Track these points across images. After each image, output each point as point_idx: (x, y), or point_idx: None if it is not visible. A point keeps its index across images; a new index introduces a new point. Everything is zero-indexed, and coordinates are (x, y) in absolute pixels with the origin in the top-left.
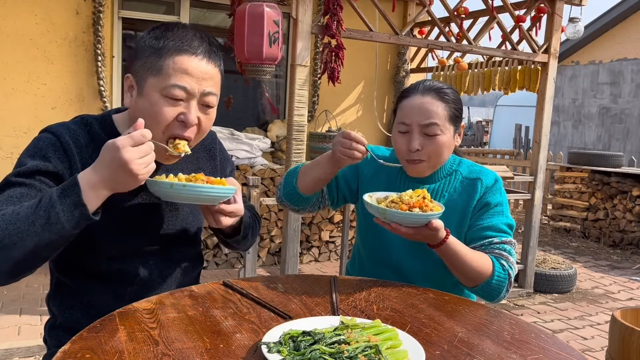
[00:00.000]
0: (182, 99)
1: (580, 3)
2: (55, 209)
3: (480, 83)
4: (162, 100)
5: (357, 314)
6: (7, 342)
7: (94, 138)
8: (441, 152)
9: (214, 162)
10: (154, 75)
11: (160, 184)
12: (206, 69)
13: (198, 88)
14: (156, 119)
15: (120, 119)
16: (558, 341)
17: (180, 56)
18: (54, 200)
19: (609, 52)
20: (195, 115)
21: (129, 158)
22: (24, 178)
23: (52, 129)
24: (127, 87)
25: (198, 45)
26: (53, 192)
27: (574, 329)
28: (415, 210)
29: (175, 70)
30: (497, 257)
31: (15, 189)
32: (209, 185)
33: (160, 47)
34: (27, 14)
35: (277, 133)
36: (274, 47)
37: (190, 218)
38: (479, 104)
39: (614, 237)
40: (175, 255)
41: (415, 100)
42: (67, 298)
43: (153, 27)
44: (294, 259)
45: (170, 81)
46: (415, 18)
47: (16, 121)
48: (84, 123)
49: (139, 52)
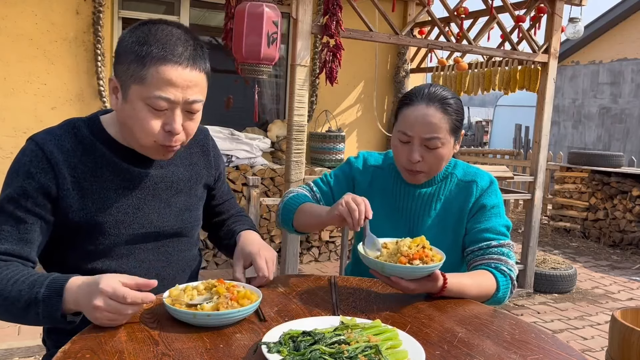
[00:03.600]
0: (166, 108)
1: (580, 3)
2: (38, 308)
3: (480, 83)
4: (146, 109)
5: (357, 314)
6: (7, 342)
7: (81, 141)
8: (440, 164)
9: (207, 158)
10: (137, 83)
11: (182, 314)
12: (190, 77)
13: (182, 97)
14: (143, 129)
15: (108, 120)
16: (558, 341)
17: (164, 66)
18: (38, 300)
19: (609, 52)
20: (179, 124)
21: (96, 305)
22: (12, 207)
23: (36, 138)
24: (112, 88)
25: (182, 51)
26: (40, 292)
27: (574, 329)
28: (415, 262)
29: (159, 81)
30: (497, 264)
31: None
32: (235, 310)
33: (143, 55)
34: (27, 14)
35: (277, 133)
36: (272, 48)
37: (186, 215)
38: (479, 104)
39: (614, 237)
40: (172, 255)
41: (418, 111)
42: None
43: (135, 26)
44: (294, 259)
45: (154, 92)
46: (415, 18)
47: (16, 121)
48: (70, 126)
49: (121, 55)
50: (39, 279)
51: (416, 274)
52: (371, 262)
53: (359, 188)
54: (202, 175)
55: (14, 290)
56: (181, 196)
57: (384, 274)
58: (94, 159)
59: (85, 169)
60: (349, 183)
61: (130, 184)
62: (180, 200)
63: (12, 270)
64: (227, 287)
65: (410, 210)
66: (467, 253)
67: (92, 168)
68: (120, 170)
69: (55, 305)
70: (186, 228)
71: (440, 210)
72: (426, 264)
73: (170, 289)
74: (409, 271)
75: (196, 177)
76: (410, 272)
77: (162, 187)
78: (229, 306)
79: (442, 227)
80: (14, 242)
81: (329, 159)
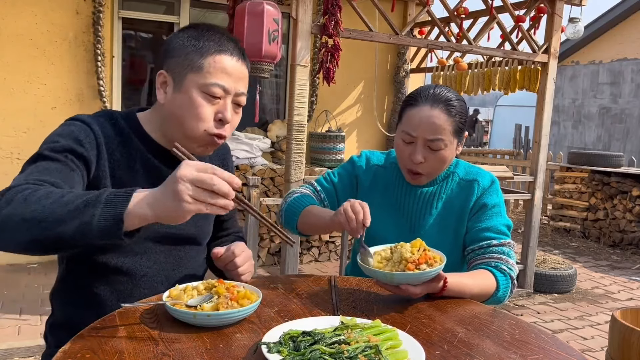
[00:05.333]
0: (220, 97)
1: (580, 3)
2: (96, 209)
3: (480, 83)
4: (201, 96)
5: (357, 314)
6: (7, 342)
7: (119, 132)
8: (443, 165)
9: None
10: (194, 72)
11: (182, 314)
12: (241, 70)
13: (234, 87)
14: (197, 116)
15: (144, 117)
16: (558, 341)
17: (220, 56)
18: (99, 201)
19: (609, 52)
20: (230, 114)
21: (182, 174)
22: (57, 154)
23: (81, 118)
24: (160, 83)
25: (233, 47)
26: (104, 193)
27: (574, 329)
28: (422, 266)
29: (216, 69)
30: (497, 263)
31: (49, 162)
32: (235, 310)
33: (201, 46)
34: (27, 14)
35: (277, 133)
36: (273, 45)
37: (202, 223)
38: (479, 104)
39: (614, 237)
40: (182, 259)
41: (423, 112)
42: (71, 294)
43: (184, 27)
44: (294, 259)
45: (211, 79)
46: (415, 18)
47: (16, 121)
48: (109, 116)
49: (176, 49)
50: (103, 190)
51: (425, 278)
52: (379, 274)
53: (362, 186)
54: None
55: (69, 195)
56: None
57: (393, 283)
58: (129, 151)
59: (121, 158)
60: (352, 181)
61: (158, 182)
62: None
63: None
64: (227, 287)
65: (411, 209)
66: (468, 252)
67: (127, 159)
68: (152, 167)
69: (120, 205)
70: (200, 236)
71: (442, 209)
72: (432, 267)
73: (170, 289)
74: (418, 277)
75: None
76: (419, 277)
77: None
78: (229, 306)
79: (443, 226)
80: (62, 180)
81: (329, 159)
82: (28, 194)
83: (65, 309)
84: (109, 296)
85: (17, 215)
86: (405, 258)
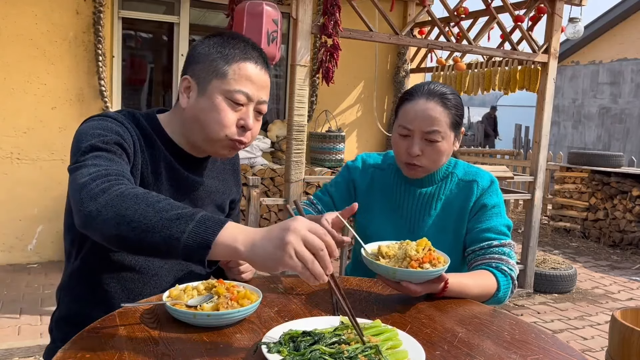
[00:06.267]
0: (243, 104)
1: (580, 3)
2: (188, 224)
3: (480, 83)
4: (225, 102)
5: (357, 314)
6: (7, 342)
7: (143, 133)
8: (440, 158)
9: (236, 177)
10: (218, 78)
11: (182, 314)
12: (264, 78)
13: (257, 95)
14: (220, 122)
15: (165, 119)
16: (558, 341)
17: (245, 63)
18: (194, 217)
19: (609, 52)
20: (252, 121)
21: (296, 227)
22: (110, 146)
23: (112, 115)
24: (184, 88)
25: (257, 55)
26: (199, 212)
27: (574, 329)
28: (425, 265)
29: (240, 77)
30: (497, 263)
31: (107, 153)
32: (235, 310)
33: (226, 53)
34: (27, 14)
35: (277, 133)
36: (272, 46)
37: None
38: (479, 104)
39: (614, 237)
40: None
41: (418, 105)
42: (80, 290)
43: (210, 35)
44: None
45: (235, 86)
46: (415, 18)
47: (16, 121)
48: (131, 115)
49: (201, 55)
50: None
51: (427, 277)
52: (381, 268)
53: (359, 189)
54: (232, 191)
55: (164, 202)
56: (213, 207)
57: (395, 279)
58: (152, 152)
59: (149, 158)
60: (349, 187)
61: (176, 184)
62: (212, 211)
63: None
64: (227, 287)
65: (410, 210)
66: (468, 253)
67: (151, 160)
68: (172, 169)
69: (212, 228)
70: None
71: (441, 210)
72: (435, 267)
73: (170, 289)
74: (420, 275)
75: (228, 191)
76: (422, 276)
77: (201, 195)
78: (229, 306)
79: (443, 227)
80: (126, 167)
81: (329, 159)
82: (124, 189)
83: (72, 304)
84: (119, 294)
85: (112, 208)
86: (409, 255)
